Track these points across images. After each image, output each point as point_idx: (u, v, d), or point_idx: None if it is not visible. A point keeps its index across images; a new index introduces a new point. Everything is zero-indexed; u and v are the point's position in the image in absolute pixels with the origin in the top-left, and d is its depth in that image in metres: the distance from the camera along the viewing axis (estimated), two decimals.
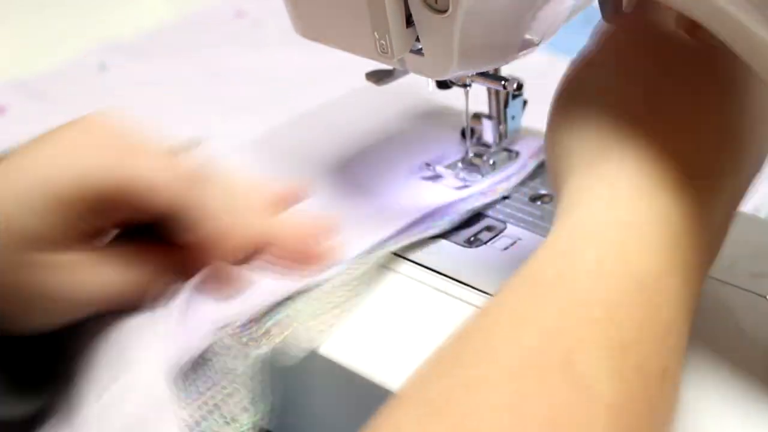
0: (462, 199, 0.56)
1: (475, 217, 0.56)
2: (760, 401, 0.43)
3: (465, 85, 0.56)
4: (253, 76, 0.98)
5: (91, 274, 0.47)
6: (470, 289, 0.51)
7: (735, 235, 0.53)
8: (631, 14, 0.45)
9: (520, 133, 0.60)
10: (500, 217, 0.56)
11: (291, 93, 0.73)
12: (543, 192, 0.58)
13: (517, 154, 0.60)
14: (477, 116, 0.59)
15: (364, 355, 0.49)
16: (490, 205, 0.57)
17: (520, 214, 0.56)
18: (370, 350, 0.49)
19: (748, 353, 0.45)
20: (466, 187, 0.57)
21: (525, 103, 0.59)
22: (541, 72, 0.58)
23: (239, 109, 0.86)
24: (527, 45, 0.50)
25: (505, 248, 0.54)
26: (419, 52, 0.49)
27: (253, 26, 1.11)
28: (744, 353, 0.45)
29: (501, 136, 0.59)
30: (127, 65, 1.04)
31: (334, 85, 0.73)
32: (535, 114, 0.60)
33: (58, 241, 0.45)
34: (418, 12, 0.47)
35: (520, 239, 0.54)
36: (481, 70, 0.54)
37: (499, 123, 0.58)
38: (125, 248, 0.49)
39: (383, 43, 0.48)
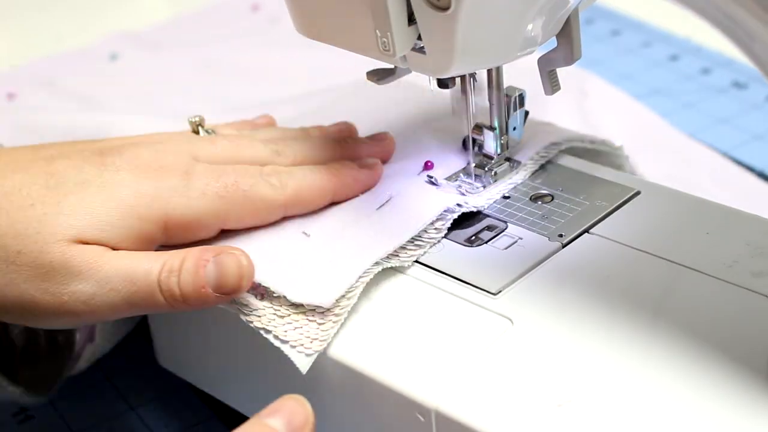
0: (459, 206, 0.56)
1: (476, 216, 0.56)
2: (760, 401, 0.43)
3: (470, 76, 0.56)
4: (264, 74, 0.96)
5: None
6: (471, 287, 0.51)
7: (735, 235, 0.53)
8: None
9: (520, 143, 0.60)
10: (501, 216, 0.56)
11: (301, 95, 0.72)
12: (543, 192, 0.58)
13: (519, 163, 0.60)
14: (478, 127, 0.59)
15: (364, 353, 0.49)
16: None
17: (520, 214, 0.56)
18: (370, 348, 0.49)
19: (748, 353, 0.45)
20: (466, 204, 0.57)
21: (526, 114, 0.59)
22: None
23: (247, 108, 0.85)
24: (528, 44, 0.50)
25: (506, 247, 0.54)
26: (421, 50, 0.49)
27: (269, 21, 1.09)
28: (744, 353, 0.45)
29: (503, 147, 0.59)
30: (139, 56, 1.02)
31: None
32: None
33: None
34: (420, 10, 0.47)
35: (520, 238, 0.54)
36: (483, 68, 0.54)
37: (500, 134, 0.58)
38: None
39: (385, 41, 0.48)
